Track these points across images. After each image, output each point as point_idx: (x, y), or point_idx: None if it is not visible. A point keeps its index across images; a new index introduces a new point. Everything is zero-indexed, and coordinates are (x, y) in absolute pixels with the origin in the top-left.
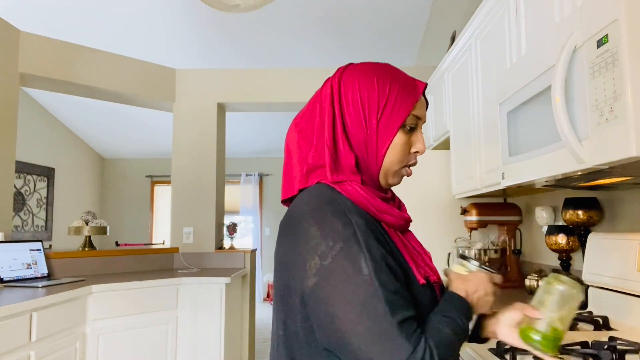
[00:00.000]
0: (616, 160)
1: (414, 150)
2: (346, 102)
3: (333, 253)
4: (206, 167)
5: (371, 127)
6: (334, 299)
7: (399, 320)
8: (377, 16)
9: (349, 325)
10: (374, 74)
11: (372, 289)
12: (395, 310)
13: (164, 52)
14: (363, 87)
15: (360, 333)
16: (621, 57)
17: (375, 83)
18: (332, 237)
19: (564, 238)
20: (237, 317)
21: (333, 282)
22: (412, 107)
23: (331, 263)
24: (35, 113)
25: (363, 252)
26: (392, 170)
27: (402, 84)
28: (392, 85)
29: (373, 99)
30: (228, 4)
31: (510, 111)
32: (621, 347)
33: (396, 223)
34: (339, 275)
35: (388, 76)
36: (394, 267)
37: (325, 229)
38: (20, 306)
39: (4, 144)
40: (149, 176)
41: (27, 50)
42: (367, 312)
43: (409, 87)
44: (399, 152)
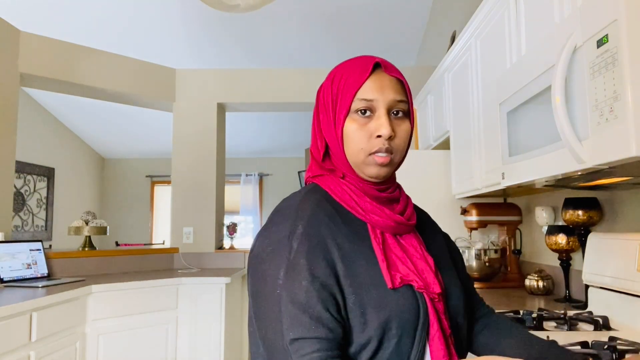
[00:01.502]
0: (616, 160)
1: (376, 134)
2: (319, 105)
3: (263, 256)
4: (206, 167)
5: (330, 123)
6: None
7: (290, 338)
8: (377, 16)
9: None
10: (334, 70)
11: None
12: (293, 328)
13: (164, 52)
14: (327, 84)
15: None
16: (621, 57)
17: (330, 80)
18: (271, 241)
19: (564, 238)
20: (237, 317)
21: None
22: (355, 91)
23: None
24: (35, 113)
25: (288, 260)
26: (359, 161)
27: (347, 71)
28: (335, 77)
29: (328, 96)
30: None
31: (510, 111)
32: (621, 347)
33: (383, 224)
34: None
35: (337, 70)
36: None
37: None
38: (20, 306)
39: (4, 144)
40: (149, 176)
41: (27, 50)
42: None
43: (354, 73)
44: (354, 140)
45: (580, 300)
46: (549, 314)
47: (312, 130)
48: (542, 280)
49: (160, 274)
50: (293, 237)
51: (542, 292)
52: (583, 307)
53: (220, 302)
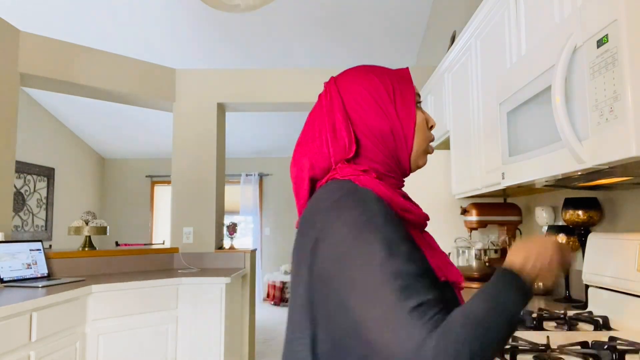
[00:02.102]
0: (616, 160)
1: (429, 125)
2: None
3: (348, 242)
4: (206, 167)
5: (391, 116)
6: (348, 287)
7: (412, 306)
8: (377, 16)
9: (362, 314)
10: (368, 72)
11: (384, 275)
12: (410, 295)
13: (164, 52)
14: (366, 85)
15: (372, 321)
16: (621, 57)
17: (375, 78)
18: (349, 225)
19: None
20: (237, 317)
21: (348, 269)
22: (413, 86)
23: (346, 251)
24: (35, 113)
25: (378, 239)
26: (421, 150)
27: (392, 71)
28: (388, 75)
29: (381, 91)
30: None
31: (510, 111)
32: (621, 347)
33: (417, 221)
34: (354, 263)
35: (379, 70)
36: (413, 254)
37: (343, 218)
38: (20, 306)
39: (4, 144)
40: (149, 176)
41: (27, 50)
42: (379, 298)
43: (398, 72)
44: (422, 129)
45: (580, 300)
46: (549, 314)
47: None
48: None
49: (160, 274)
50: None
51: (542, 292)
52: (583, 307)
53: (220, 302)
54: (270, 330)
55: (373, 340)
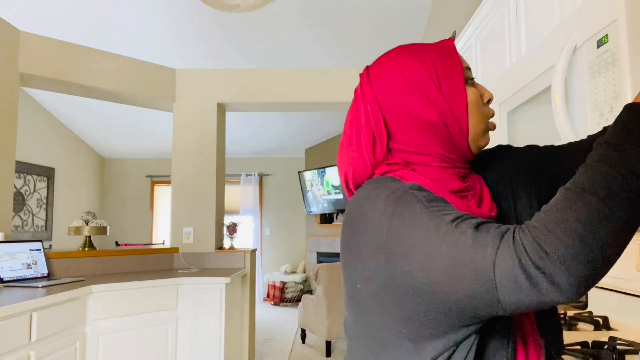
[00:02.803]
0: None
1: (485, 100)
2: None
3: (389, 214)
4: (206, 167)
5: (439, 102)
6: (406, 252)
7: (474, 225)
8: (378, 16)
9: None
10: (405, 56)
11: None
12: (466, 220)
13: (164, 52)
14: (405, 72)
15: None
16: (621, 57)
17: (414, 62)
18: (389, 204)
19: None
20: (237, 317)
21: (399, 237)
22: (460, 60)
23: (392, 223)
24: (35, 113)
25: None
26: (480, 130)
27: (433, 47)
28: (428, 55)
29: (424, 77)
30: (228, 4)
31: (510, 111)
32: (621, 347)
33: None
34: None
35: (418, 49)
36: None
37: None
38: (20, 306)
39: (4, 144)
40: (149, 176)
41: (27, 50)
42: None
43: (440, 48)
44: (477, 108)
45: (580, 300)
46: None
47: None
48: None
49: (160, 274)
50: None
51: None
52: (583, 307)
53: (220, 302)
54: (270, 330)
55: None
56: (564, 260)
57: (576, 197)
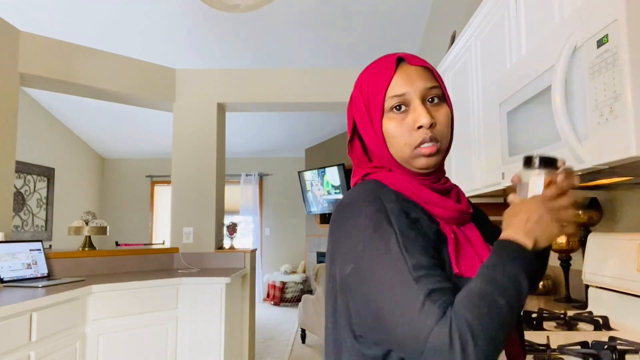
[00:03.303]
0: (616, 160)
1: (416, 126)
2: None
3: (365, 238)
4: (206, 167)
5: (368, 127)
6: (367, 281)
7: (425, 293)
8: (377, 16)
9: (380, 304)
10: (358, 79)
11: (401, 266)
12: (423, 283)
13: (164, 52)
14: (356, 95)
15: (389, 309)
16: (621, 57)
17: (358, 87)
18: (365, 223)
19: (564, 238)
20: (237, 317)
21: (366, 265)
22: (385, 90)
23: (364, 247)
24: (35, 113)
25: (394, 232)
26: (406, 156)
27: (372, 73)
28: (363, 82)
29: (359, 102)
30: (228, 4)
31: (510, 111)
32: (621, 347)
33: (447, 215)
34: (371, 258)
35: (363, 75)
36: (427, 247)
37: (359, 217)
38: (20, 306)
39: (4, 144)
40: (149, 176)
41: (27, 50)
42: (397, 288)
43: (380, 73)
44: (396, 137)
45: (580, 300)
46: (549, 314)
47: (350, 135)
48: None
49: (160, 274)
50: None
51: (542, 292)
52: (583, 307)
53: (220, 302)
54: (270, 330)
55: (388, 327)
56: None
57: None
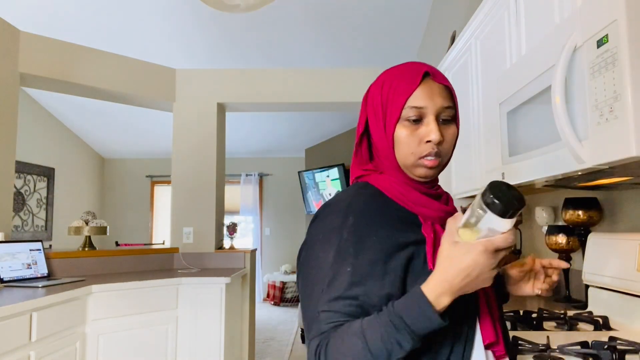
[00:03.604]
0: (616, 160)
1: (426, 139)
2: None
3: (314, 244)
4: (206, 167)
5: (380, 130)
6: (301, 282)
7: (320, 310)
8: (377, 16)
9: (303, 305)
10: (381, 77)
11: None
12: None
13: (164, 52)
14: (374, 93)
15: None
16: (621, 57)
17: (379, 86)
18: (322, 231)
19: (564, 238)
20: (237, 317)
21: (305, 268)
22: (405, 99)
23: (310, 251)
24: (35, 113)
25: (337, 246)
26: (409, 163)
27: (396, 78)
28: (385, 84)
29: (377, 102)
30: (228, 4)
31: (510, 111)
32: (621, 347)
33: (433, 215)
34: (309, 262)
35: (386, 76)
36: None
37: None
38: (20, 306)
39: (4, 144)
40: (149, 176)
41: (27, 50)
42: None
43: (404, 81)
44: (405, 145)
45: (580, 300)
46: (549, 314)
47: (357, 131)
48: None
49: (160, 274)
50: (344, 227)
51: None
52: (583, 307)
53: (220, 302)
54: (270, 330)
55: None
56: None
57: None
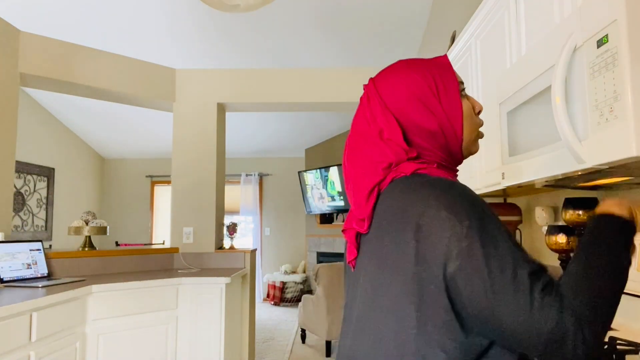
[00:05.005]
0: (616, 160)
1: (476, 111)
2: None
3: (472, 232)
4: (206, 167)
5: (438, 112)
6: (477, 276)
7: (543, 286)
8: (377, 16)
9: (496, 298)
10: (407, 70)
11: (513, 260)
12: (537, 278)
13: (164, 52)
14: (408, 84)
15: (506, 309)
16: (621, 57)
17: (415, 75)
18: (466, 217)
19: (564, 238)
20: (237, 317)
21: (474, 262)
22: (455, 75)
23: (471, 242)
24: (35, 113)
25: (497, 226)
26: (473, 138)
27: (431, 62)
28: (428, 69)
29: (424, 89)
30: (228, 4)
31: (510, 111)
32: (621, 347)
33: None
34: (480, 252)
35: (418, 64)
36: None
37: (456, 211)
38: (20, 306)
39: (4, 144)
40: (149, 176)
41: (27, 50)
42: (512, 282)
43: (438, 64)
44: (470, 118)
45: None
46: None
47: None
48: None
49: (160, 274)
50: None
51: None
52: None
53: (220, 302)
54: (270, 330)
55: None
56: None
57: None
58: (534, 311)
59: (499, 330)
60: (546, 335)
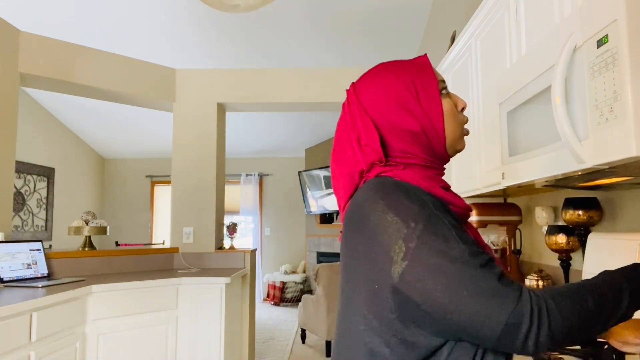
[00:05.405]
0: (616, 160)
1: (459, 108)
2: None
3: (417, 233)
4: (206, 167)
5: (418, 113)
6: (428, 277)
7: (497, 276)
8: (377, 16)
9: (450, 297)
10: (385, 73)
11: (464, 258)
12: (491, 269)
13: (164, 52)
14: (386, 87)
15: (463, 300)
16: (621, 57)
17: (393, 78)
18: (413, 219)
19: (564, 238)
20: (237, 317)
21: (424, 260)
22: (434, 74)
23: (418, 244)
24: (35, 113)
25: (446, 226)
26: (456, 136)
27: (410, 63)
28: (406, 71)
29: (402, 91)
30: (228, 4)
31: (510, 111)
32: None
33: (461, 213)
34: (428, 253)
35: (396, 66)
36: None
37: (402, 212)
38: (20, 306)
39: (4, 144)
40: (149, 176)
41: (27, 50)
42: (465, 279)
43: (417, 64)
44: (452, 116)
45: None
46: None
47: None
48: (541, 280)
49: (160, 274)
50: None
51: None
52: None
53: (220, 302)
54: (270, 330)
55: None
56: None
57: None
58: (490, 300)
59: (455, 324)
60: (503, 323)
